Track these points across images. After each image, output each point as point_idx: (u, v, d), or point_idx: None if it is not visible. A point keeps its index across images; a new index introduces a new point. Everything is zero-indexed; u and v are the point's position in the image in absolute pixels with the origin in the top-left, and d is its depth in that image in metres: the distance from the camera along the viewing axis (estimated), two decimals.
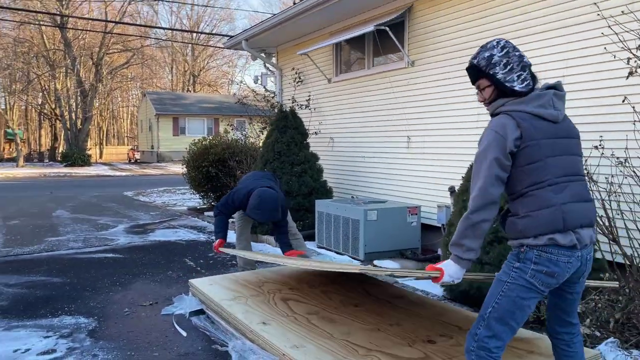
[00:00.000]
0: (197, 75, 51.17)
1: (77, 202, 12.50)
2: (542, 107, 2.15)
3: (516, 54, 2.20)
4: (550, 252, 2.08)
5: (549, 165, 2.11)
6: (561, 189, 2.11)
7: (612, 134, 4.11)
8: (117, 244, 7.25)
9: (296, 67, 9.37)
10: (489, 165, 2.08)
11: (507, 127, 2.09)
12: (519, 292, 2.12)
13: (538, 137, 2.11)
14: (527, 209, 2.11)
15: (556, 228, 2.07)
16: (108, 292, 4.90)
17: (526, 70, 2.19)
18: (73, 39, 32.58)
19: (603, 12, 4.13)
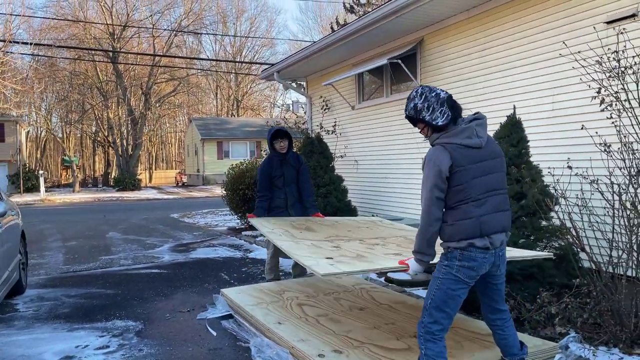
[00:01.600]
0: (241, 100, 52.93)
1: (128, 225, 13.55)
2: (468, 138, 2.70)
3: (432, 95, 2.74)
4: (469, 252, 2.66)
5: (473, 185, 2.67)
6: (482, 204, 2.70)
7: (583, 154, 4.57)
8: (162, 261, 8.07)
9: (323, 96, 10.09)
10: (430, 189, 2.66)
11: (442, 158, 2.65)
12: (449, 285, 2.71)
13: (465, 163, 2.66)
14: (453, 219, 2.68)
15: (474, 235, 2.66)
16: (153, 301, 5.65)
17: (444, 105, 2.70)
18: (124, 70, 34.69)
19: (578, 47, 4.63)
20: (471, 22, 6.37)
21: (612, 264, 3.93)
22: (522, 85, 5.56)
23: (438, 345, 2.70)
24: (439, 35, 6.98)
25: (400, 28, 7.23)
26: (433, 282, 2.76)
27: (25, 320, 5.01)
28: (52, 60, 33.01)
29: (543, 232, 4.39)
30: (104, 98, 35.60)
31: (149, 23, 36.24)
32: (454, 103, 2.77)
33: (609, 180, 3.88)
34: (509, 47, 5.84)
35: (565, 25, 5.15)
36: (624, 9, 4.62)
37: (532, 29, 5.52)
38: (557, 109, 5.25)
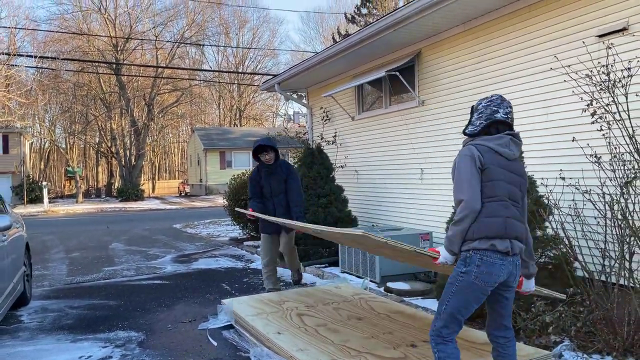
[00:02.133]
0: (243, 109, 53.18)
1: (131, 235, 13.65)
2: (500, 146, 2.79)
3: (483, 104, 2.90)
4: (489, 256, 2.67)
5: (501, 186, 2.73)
6: (507, 206, 2.75)
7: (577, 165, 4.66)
8: (164, 272, 8.16)
9: (324, 107, 10.21)
10: (469, 179, 2.70)
11: (473, 151, 2.76)
12: (466, 292, 2.72)
13: (493, 164, 2.74)
14: (480, 216, 2.70)
15: (498, 234, 2.67)
16: (155, 312, 5.73)
17: (482, 116, 2.87)
18: (127, 81, 34.97)
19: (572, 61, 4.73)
20: (467, 35, 6.48)
21: (605, 273, 4.00)
22: (516, 97, 5.65)
23: (449, 347, 2.75)
24: (436, 47, 7.09)
25: (398, 41, 7.34)
26: (448, 288, 2.78)
27: (29, 332, 5.09)
28: (56, 72, 33.28)
29: (538, 242, 4.46)
30: (107, 109, 35.86)
31: (152, 35, 36.58)
32: (503, 126, 2.88)
33: (601, 191, 3.97)
34: (503, 60, 5.94)
35: (558, 38, 5.25)
36: (614, 22, 4.72)
37: (526, 42, 5.62)
38: (550, 121, 5.34)
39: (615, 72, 3.95)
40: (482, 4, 5.81)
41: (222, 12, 46.69)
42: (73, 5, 36.25)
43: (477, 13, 6.12)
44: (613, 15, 4.75)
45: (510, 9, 5.77)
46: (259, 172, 5.91)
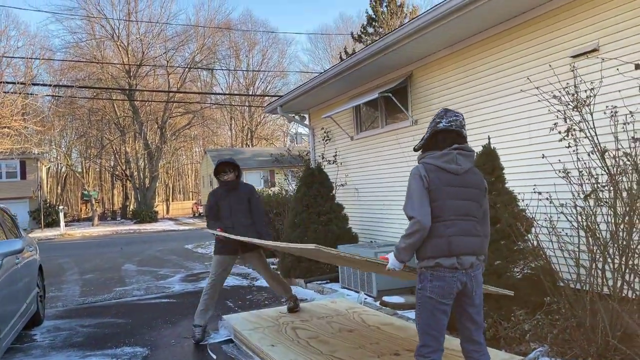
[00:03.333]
0: (254, 130, 53.82)
1: (143, 256, 14.01)
2: (446, 163, 2.92)
3: (432, 122, 3.05)
4: (438, 271, 2.85)
5: (445, 206, 2.87)
6: (450, 226, 2.88)
7: None
8: (172, 291, 8.46)
9: (325, 127, 10.53)
10: (419, 195, 2.86)
11: (421, 170, 2.93)
12: (426, 307, 2.92)
13: (439, 183, 2.88)
14: (428, 236, 2.86)
15: (443, 253, 2.84)
16: (160, 328, 6.01)
17: (429, 132, 3.04)
18: (140, 106, 35.79)
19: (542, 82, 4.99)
20: (452, 57, 6.78)
21: (580, 282, 4.21)
22: (498, 116, 5.92)
23: None
24: (426, 69, 7.39)
25: (390, 63, 7.66)
26: (416, 308, 2.99)
27: (42, 349, 5.40)
28: (72, 98, 34.23)
29: (517, 254, 4.68)
30: (121, 133, 36.69)
31: (164, 60, 37.47)
32: (446, 134, 3.01)
33: (573, 204, 4.19)
34: (485, 81, 6.21)
35: (534, 60, 5.52)
36: (587, 44, 4.98)
37: (504, 63, 5.90)
38: (529, 138, 5.58)
39: (582, 92, 4.20)
40: (464, 28, 6.12)
41: (232, 35, 47.68)
42: (87, 33, 37.42)
43: (461, 36, 6.43)
44: (586, 37, 5.01)
45: (492, 32, 6.06)
46: (215, 193, 5.68)
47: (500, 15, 5.74)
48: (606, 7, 4.81)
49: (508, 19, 5.80)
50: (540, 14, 5.43)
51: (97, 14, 36.15)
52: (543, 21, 5.44)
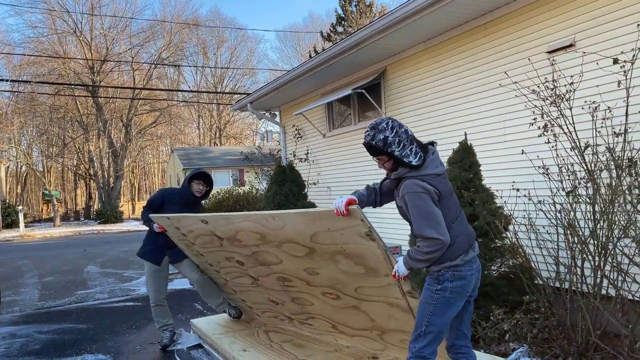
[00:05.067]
0: (223, 128, 53.11)
1: (107, 258, 13.53)
2: (437, 167, 2.79)
3: (402, 130, 2.75)
4: (459, 270, 2.75)
5: (451, 205, 2.80)
6: (462, 219, 2.86)
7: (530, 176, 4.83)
8: (138, 293, 8.12)
9: (296, 125, 10.34)
10: (434, 214, 2.66)
11: (427, 186, 2.69)
12: (444, 308, 2.78)
13: (441, 189, 2.75)
14: (452, 239, 2.71)
15: (467, 247, 2.80)
16: (124, 334, 5.72)
17: (414, 144, 2.75)
18: (104, 103, 34.80)
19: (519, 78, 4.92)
20: (427, 53, 6.69)
21: (559, 280, 4.14)
22: (473, 112, 5.84)
23: None
24: (399, 65, 7.28)
25: (363, 60, 7.52)
26: (424, 308, 2.82)
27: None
28: (32, 95, 33.02)
29: (495, 252, 4.59)
30: (84, 131, 35.58)
31: (129, 56, 36.54)
32: (420, 143, 2.87)
33: (552, 201, 4.12)
34: (460, 77, 6.14)
35: (510, 56, 5.46)
36: (563, 39, 4.93)
37: (481, 59, 5.83)
38: (504, 135, 5.52)
39: (561, 87, 4.13)
40: (437, 24, 6.02)
41: (200, 32, 46.92)
42: (48, 28, 36.10)
43: (434, 32, 6.33)
44: (561, 32, 4.96)
45: (466, 28, 5.98)
46: (168, 193, 5.10)
47: (474, 11, 5.67)
48: (582, 2, 4.76)
49: (482, 14, 5.73)
50: (515, 9, 5.37)
51: (59, 8, 34.95)
52: (518, 16, 5.38)
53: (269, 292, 4.49)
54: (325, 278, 3.59)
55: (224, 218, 3.81)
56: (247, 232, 3.70)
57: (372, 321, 3.69)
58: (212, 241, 4.23)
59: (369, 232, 2.87)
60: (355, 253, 3.12)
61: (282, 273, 3.96)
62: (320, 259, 3.41)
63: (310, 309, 4.22)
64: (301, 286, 3.94)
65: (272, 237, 3.53)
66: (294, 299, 4.26)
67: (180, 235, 4.62)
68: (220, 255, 4.41)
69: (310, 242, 3.27)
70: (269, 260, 3.90)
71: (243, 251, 4.05)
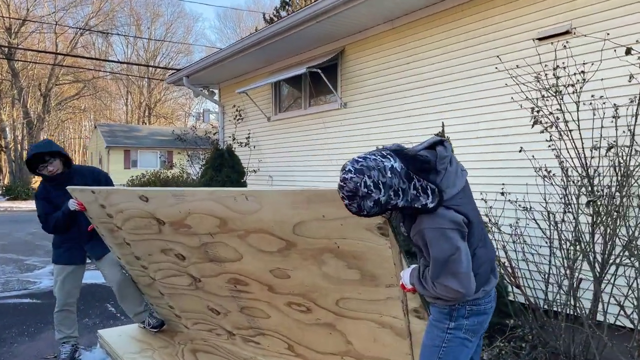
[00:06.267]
0: (153, 107, 50.54)
1: (10, 240, 11.92)
2: (459, 179, 2.00)
3: (388, 172, 1.81)
4: (479, 304, 2.08)
5: (477, 226, 2.05)
6: (484, 238, 2.12)
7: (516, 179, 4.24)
8: (38, 287, 6.90)
9: (237, 105, 9.37)
10: (464, 263, 1.91)
11: (456, 217, 1.92)
12: (455, 353, 2.08)
13: (469, 210, 2.00)
14: (475, 270, 2.00)
15: (487, 278, 2.11)
16: (13, 343, 4.60)
17: (412, 178, 1.86)
18: (21, 69, 31.79)
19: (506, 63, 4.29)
20: (394, 33, 5.96)
21: (548, 302, 3.54)
22: (449, 102, 5.19)
23: None
24: (360, 45, 6.52)
25: (320, 36, 6.70)
26: (430, 352, 2.11)
27: None
28: None
29: None
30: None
31: (52, 19, 33.60)
32: (419, 162, 1.91)
33: (544, 209, 3.51)
34: (435, 62, 5.47)
35: (495, 40, 4.83)
36: (557, 25, 4.34)
37: (459, 42, 5.17)
38: (488, 129, 4.89)
39: (568, 76, 3.51)
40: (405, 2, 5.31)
41: (134, 3, 44.22)
42: None
43: (403, 10, 5.62)
44: (555, 17, 4.37)
45: (440, 7, 5.31)
46: (46, 189, 3.99)
47: None
48: None
49: None
50: None
51: None
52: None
53: (210, 298, 3.58)
54: (298, 284, 2.78)
55: (173, 194, 2.94)
56: (203, 216, 2.86)
57: (347, 344, 2.90)
58: (149, 226, 3.31)
59: (383, 225, 2.11)
60: (351, 252, 2.37)
61: (237, 273, 3.09)
62: (299, 258, 2.61)
63: (263, 323, 3.37)
64: (259, 292, 3.09)
65: (236, 224, 2.72)
66: (244, 308, 3.39)
67: (104, 216, 3.61)
68: (156, 245, 3.48)
69: (292, 233, 2.49)
70: (223, 255, 3.04)
71: (189, 241, 3.15)
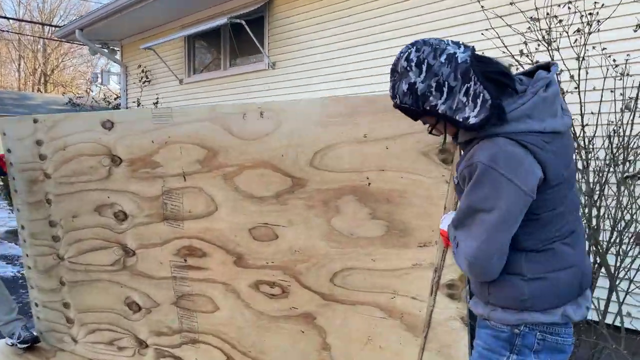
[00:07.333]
0: (50, 74, 46.26)
1: None
2: (552, 117, 1.34)
3: (440, 58, 1.31)
4: (557, 333, 1.41)
5: (567, 208, 1.41)
6: (576, 239, 1.44)
7: None
8: None
9: (143, 65, 8.11)
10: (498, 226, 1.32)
11: (523, 165, 1.29)
12: None
13: (562, 169, 1.37)
14: (537, 271, 1.38)
15: (571, 296, 1.42)
16: None
17: (471, 79, 1.30)
18: None
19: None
20: None
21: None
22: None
23: None
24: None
25: None
26: None
27: None
28: None
29: None
30: None
31: None
32: (494, 65, 1.37)
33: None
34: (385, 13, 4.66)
35: None
36: None
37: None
38: None
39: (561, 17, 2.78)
40: None
41: None
42: None
43: None
44: None
45: None
46: None
47: None
48: None
49: None
50: None
51: None
52: None
53: (137, 284, 2.82)
54: (285, 249, 2.21)
55: (156, 115, 2.52)
56: (185, 147, 2.44)
57: (322, 350, 2.18)
58: (95, 169, 2.82)
59: (446, 148, 1.69)
60: (386, 192, 1.89)
61: (197, 237, 2.50)
62: (303, 205, 2.11)
63: (203, 321, 2.61)
64: (219, 268, 2.46)
65: (230, 157, 2.30)
66: (184, 297, 2.64)
67: (32, 159, 3.08)
68: (91, 200, 2.90)
69: (308, 165, 2.06)
70: (188, 209, 2.50)
71: (146, 189, 2.64)
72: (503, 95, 1.33)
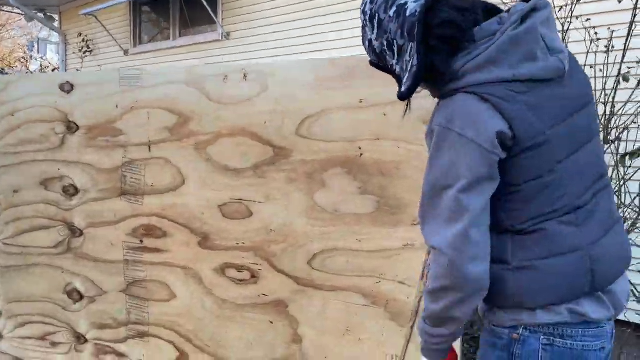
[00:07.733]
0: None
1: None
2: (530, 61, 1.08)
3: (391, 13, 1.12)
4: (572, 337, 1.11)
5: (564, 175, 1.11)
6: (586, 216, 1.13)
7: None
8: None
9: (85, 34, 7.56)
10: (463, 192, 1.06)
11: (480, 118, 1.05)
12: None
13: (542, 125, 1.08)
14: (527, 256, 1.11)
15: (581, 289, 1.12)
16: None
17: (415, 36, 1.09)
18: None
19: None
20: None
21: None
22: None
23: None
24: None
25: None
26: None
27: None
28: None
29: None
30: None
31: None
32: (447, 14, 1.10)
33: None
34: None
35: None
36: None
37: None
38: None
39: None
40: None
41: None
42: None
43: None
44: None
45: None
46: None
47: None
48: None
49: None
50: None
51: None
52: None
53: (81, 269, 2.51)
54: (259, 227, 2.03)
55: (124, 77, 2.28)
56: (153, 112, 2.21)
57: (292, 343, 2.00)
58: (46, 137, 2.53)
59: None
60: (380, 164, 1.77)
61: (157, 215, 2.27)
62: (283, 179, 1.95)
63: (156, 310, 2.34)
64: (180, 250, 2.23)
65: (203, 124, 2.11)
66: (137, 284, 2.38)
67: None
68: (37, 172, 2.58)
69: (293, 134, 1.91)
70: (150, 182, 2.27)
71: (103, 161, 2.39)
72: (458, 50, 1.10)
